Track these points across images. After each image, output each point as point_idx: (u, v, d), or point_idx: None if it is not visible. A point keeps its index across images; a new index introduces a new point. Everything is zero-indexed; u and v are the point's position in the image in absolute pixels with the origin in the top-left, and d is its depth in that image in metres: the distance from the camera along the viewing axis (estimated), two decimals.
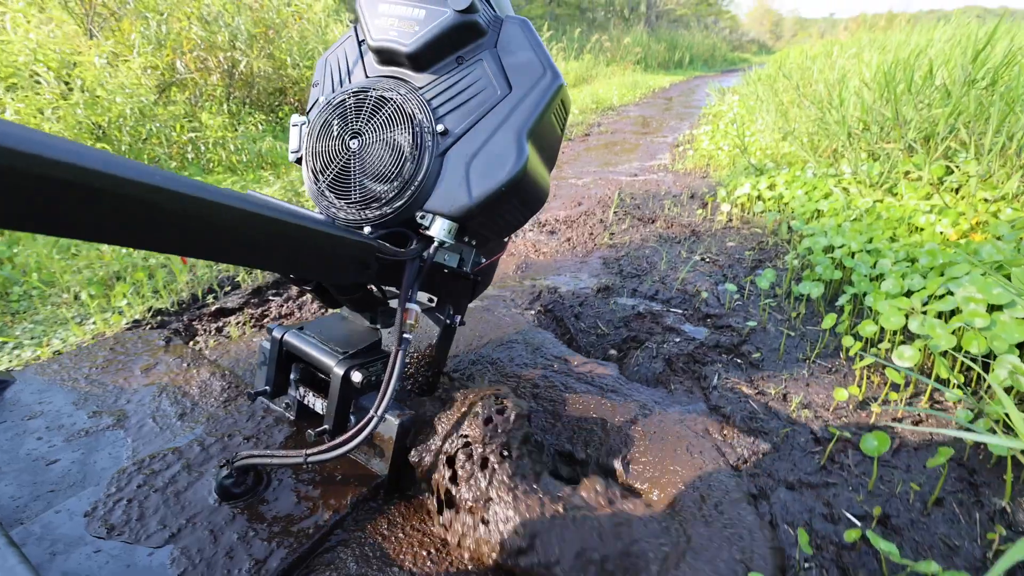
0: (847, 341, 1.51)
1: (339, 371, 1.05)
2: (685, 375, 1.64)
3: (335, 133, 1.00)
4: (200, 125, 4.15)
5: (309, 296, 2.32)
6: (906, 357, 1.29)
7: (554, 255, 2.77)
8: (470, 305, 1.95)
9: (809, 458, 1.20)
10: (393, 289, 1.20)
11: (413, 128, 0.95)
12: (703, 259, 2.53)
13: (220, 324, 2.05)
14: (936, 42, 3.74)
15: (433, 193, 0.97)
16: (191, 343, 1.84)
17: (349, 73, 1.11)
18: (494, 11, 1.04)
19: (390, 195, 0.96)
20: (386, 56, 1.03)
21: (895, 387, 1.40)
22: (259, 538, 0.96)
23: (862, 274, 1.80)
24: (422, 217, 0.98)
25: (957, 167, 2.26)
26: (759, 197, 3.01)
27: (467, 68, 1.00)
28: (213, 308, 2.16)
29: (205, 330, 1.98)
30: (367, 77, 1.07)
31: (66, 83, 3.64)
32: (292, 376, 1.21)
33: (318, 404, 1.17)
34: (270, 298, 2.29)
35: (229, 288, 2.35)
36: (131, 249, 2.69)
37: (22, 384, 1.39)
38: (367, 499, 1.08)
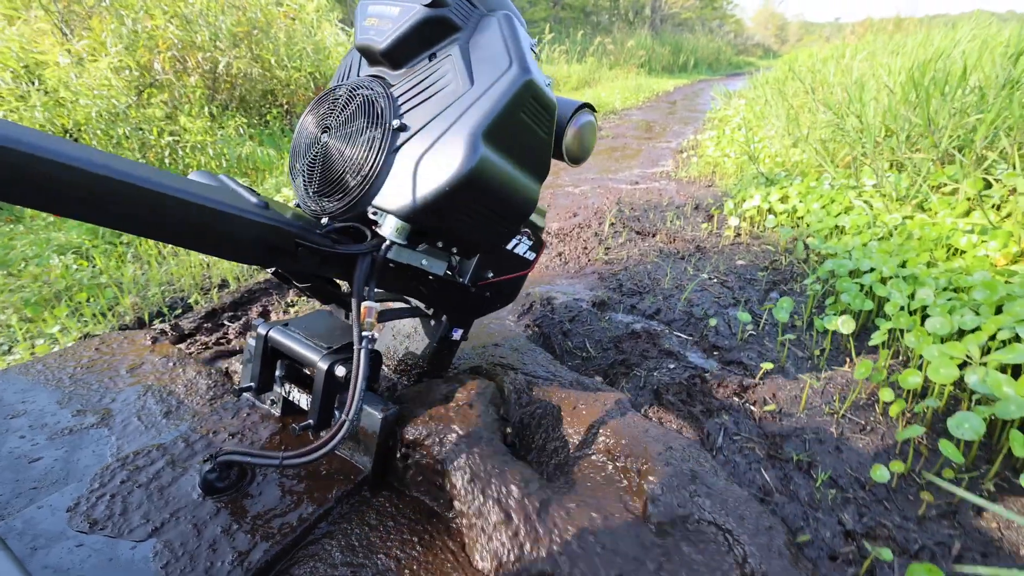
0: (885, 394, 1.24)
1: (323, 366, 1.04)
2: (677, 412, 1.37)
3: (310, 127, 1.03)
4: (180, 128, 3.92)
5: (273, 316, 2.07)
6: (966, 428, 1.01)
7: (543, 271, 2.50)
8: None
9: (839, 572, 0.92)
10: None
11: (371, 121, 0.95)
12: (711, 277, 2.25)
13: None
14: (960, 42, 3.45)
15: (382, 189, 0.93)
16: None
17: (348, 75, 1.12)
18: (475, 6, 0.99)
19: (343, 188, 0.95)
20: (369, 55, 1.03)
21: (949, 461, 1.12)
22: (243, 531, 0.96)
23: (898, 305, 1.52)
24: (374, 214, 0.95)
25: (997, 180, 1.97)
26: (770, 210, 2.73)
27: (437, 64, 0.96)
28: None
29: None
30: (358, 76, 1.08)
31: (33, 83, 3.42)
32: (277, 373, 1.21)
33: (303, 400, 1.16)
34: (225, 322, 2.03)
35: (180, 311, 2.10)
36: (83, 264, 2.45)
37: (5, 384, 1.37)
38: (352, 493, 1.07)
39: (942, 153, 2.03)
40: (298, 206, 1.06)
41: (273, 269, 1.02)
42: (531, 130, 0.96)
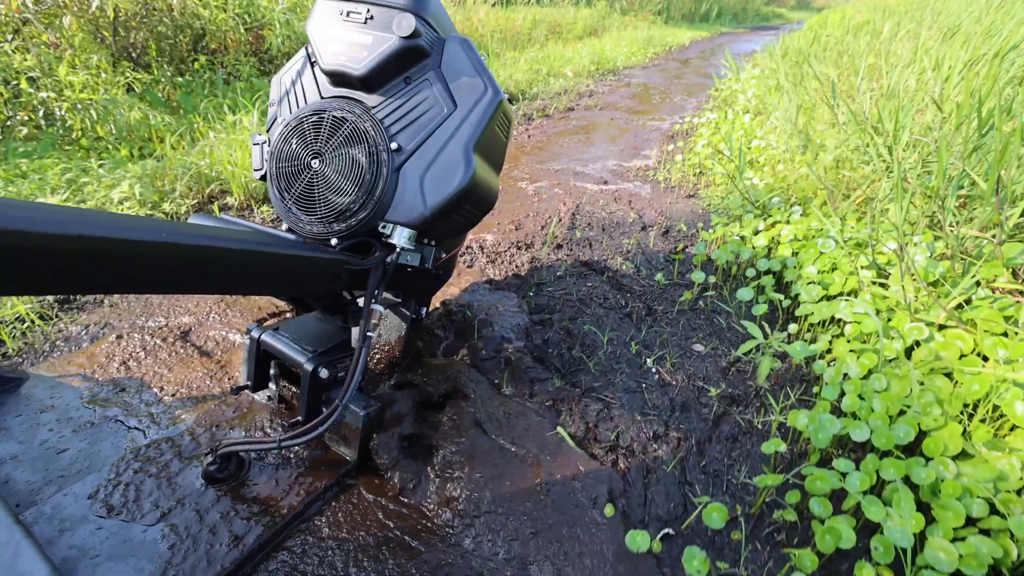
0: None
1: (308, 368, 1.12)
2: None
3: (296, 153, 1.06)
4: (62, 83, 3.16)
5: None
6: None
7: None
8: None
9: None
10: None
11: (369, 147, 1.02)
12: (653, 367, 1.61)
13: None
14: None
15: (392, 205, 1.03)
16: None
17: (304, 93, 1.14)
18: (436, 32, 1.07)
19: (353, 209, 1.03)
20: (338, 78, 1.08)
21: None
22: (239, 517, 1.06)
23: (893, 550, 0.89)
24: (383, 227, 1.04)
25: None
26: (752, 262, 2.03)
27: (415, 88, 1.05)
28: None
29: None
30: (321, 98, 1.11)
31: None
32: (271, 371, 1.30)
33: (296, 396, 1.29)
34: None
35: None
36: None
37: (35, 380, 1.46)
38: (338, 481, 1.16)
39: (1007, 234, 1.32)
40: (288, 230, 1.11)
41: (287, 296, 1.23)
42: (499, 137, 1.15)
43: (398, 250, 1.04)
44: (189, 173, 2.60)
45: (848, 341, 1.41)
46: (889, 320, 1.43)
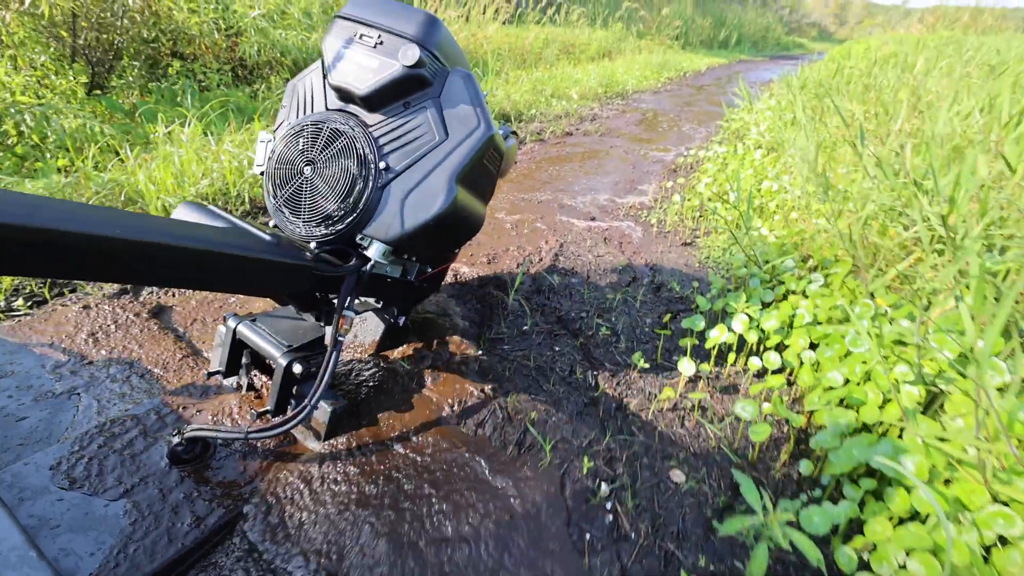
0: None
1: (282, 362, 1.13)
2: None
3: (292, 157, 1.10)
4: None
5: None
6: None
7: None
8: None
9: None
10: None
11: (360, 162, 1.06)
12: (610, 504, 1.15)
13: None
14: None
15: (372, 221, 1.07)
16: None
17: (312, 102, 1.18)
18: (441, 64, 1.12)
19: (335, 218, 1.07)
20: (343, 94, 1.13)
21: None
22: (202, 499, 1.04)
23: None
24: (361, 239, 1.09)
25: None
26: (757, 348, 1.56)
27: (412, 113, 1.09)
28: None
29: None
30: (327, 109, 1.16)
31: None
32: (243, 360, 1.28)
33: (265, 385, 1.32)
34: None
35: None
36: None
37: None
38: (299, 470, 1.14)
39: None
40: (275, 227, 1.14)
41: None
42: (488, 170, 1.17)
43: (372, 263, 1.09)
44: (105, 191, 2.20)
45: (891, 519, 0.93)
46: (948, 483, 0.96)
